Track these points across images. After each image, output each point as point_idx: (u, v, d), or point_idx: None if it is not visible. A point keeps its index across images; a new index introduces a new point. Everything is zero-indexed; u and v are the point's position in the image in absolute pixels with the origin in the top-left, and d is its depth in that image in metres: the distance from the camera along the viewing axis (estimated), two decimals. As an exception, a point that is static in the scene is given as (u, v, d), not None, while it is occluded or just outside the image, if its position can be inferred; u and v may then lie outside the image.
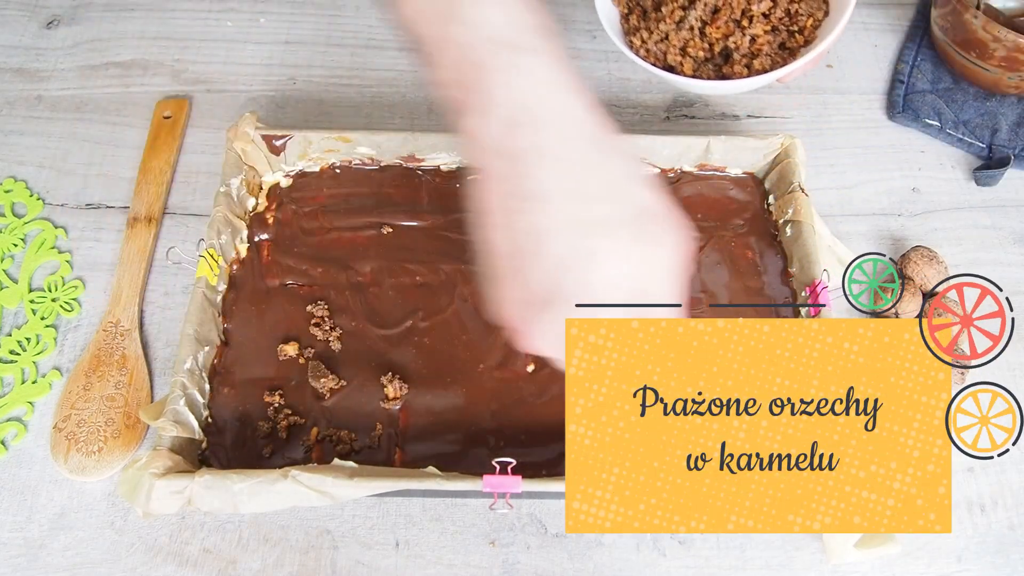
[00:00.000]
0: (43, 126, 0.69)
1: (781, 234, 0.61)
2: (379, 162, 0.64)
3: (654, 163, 0.64)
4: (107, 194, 0.65)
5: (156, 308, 0.60)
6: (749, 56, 0.62)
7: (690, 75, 0.63)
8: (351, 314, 0.57)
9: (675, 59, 0.63)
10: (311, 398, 0.54)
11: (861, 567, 0.50)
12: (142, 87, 0.72)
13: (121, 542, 0.50)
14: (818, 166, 0.68)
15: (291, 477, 0.46)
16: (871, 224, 0.65)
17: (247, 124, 0.61)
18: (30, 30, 0.76)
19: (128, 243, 0.61)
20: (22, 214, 0.64)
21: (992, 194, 0.67)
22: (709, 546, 0.51)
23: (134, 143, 0.68)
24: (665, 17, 0.63)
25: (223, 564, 0.50)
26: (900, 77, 0.73)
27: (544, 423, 0.53)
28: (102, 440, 0.53)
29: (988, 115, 0.70)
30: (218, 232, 0.57)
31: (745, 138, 0.62)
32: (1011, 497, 0.53)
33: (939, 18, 0.70)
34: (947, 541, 0.51)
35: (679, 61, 0.63)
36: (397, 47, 0.76)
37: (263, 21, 0.78)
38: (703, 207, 0.63)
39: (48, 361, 0.57)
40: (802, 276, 0.57)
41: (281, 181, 0.63)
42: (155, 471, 0.46)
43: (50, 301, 0.60)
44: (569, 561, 0.50)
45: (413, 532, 0.51)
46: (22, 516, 0.51)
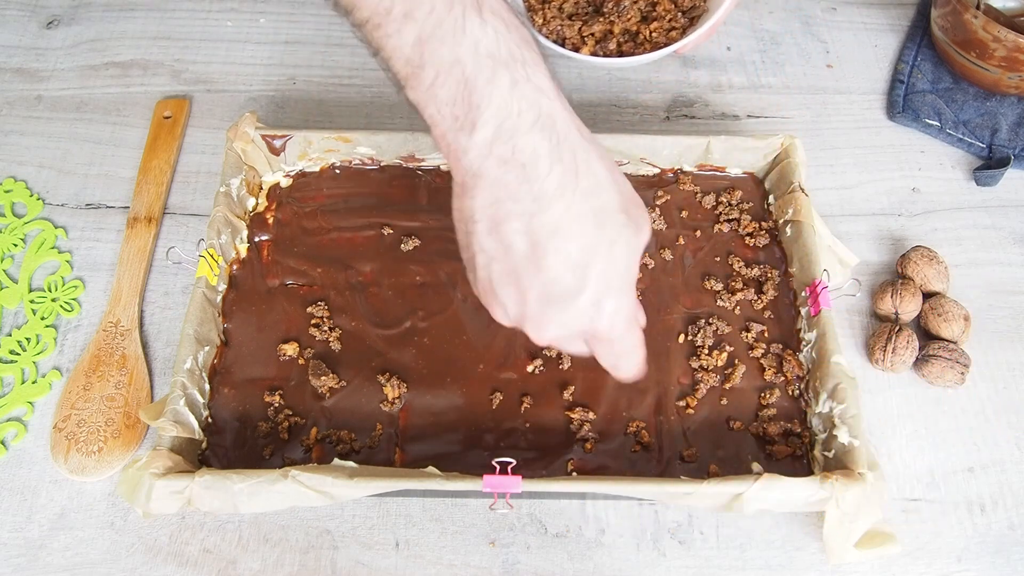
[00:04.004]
0: (43, 126, 0.69)
1: (781, 234, 0.61)
2: (379, 162, 0.64)
3: (654, 163, 0.64)
4: (107, 194, 0.65)
5: (156, 308, 0.60)
6: (648, 32, 0.65)
7: (589, 54, 0.65)
8: (351, 314, 0.57)
9: (574, 38, 0.64)
10: (311, 398, 0.54)
11: (861, 567, 0.50)
12: (142, 87, 0.72)
13: (121, 542, 0.50)
14: (818, 166, 0.68)
15: (291, 477, 0.46)
16: (871, 224, 0.65)
17: (247, 124, 0.61)
18: (30, 30, 0.76)
19: (128, 243, 0.61)
20: (22, 214, 0.64)
21: (992, 194, 0.67)
22: (709, 546, 0.51)
23: (134, 143, 0.68)
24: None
25: (223, 564, 0.50)
26: (900, 77, 0.73)
27: (544, 423, 0.53)
28: (102, 440, 0.53)
29: (988, 115, 0.70)
30: (218, 232, 0.57)
31: (745, 138, 0.62)
32: (1011, 497, 0.53)
33: (939, 18, 0.70)
34: (947, 541, 0.51)
35: (577, 40, 0.64)
36: (397, 47, 0.76)
37: (263, 21, 0.77)
38: (703, 207, 0.63)
39: (48, 361, 0.57)
40: (802, 276, 0.57)
41: (281, 181, 0.63)
42: (155, 471, 0.46)
43: (50, 301, 0.59)
44: (569, 561, 0.50)
45: (413, 532, 0.51)
46: (22, 516, 0.51)
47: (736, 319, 0.58)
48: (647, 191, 0.63)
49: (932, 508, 0.52)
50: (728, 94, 0.73)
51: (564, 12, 0.65)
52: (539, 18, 0.65)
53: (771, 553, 0.51)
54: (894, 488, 0.53)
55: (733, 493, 0.46)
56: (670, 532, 0.51)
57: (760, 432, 0.53)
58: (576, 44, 0.65)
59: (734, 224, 0.62)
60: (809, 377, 0.54)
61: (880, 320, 0.59)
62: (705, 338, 0.56)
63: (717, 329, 0.57)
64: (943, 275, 0.60)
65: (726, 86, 0.73)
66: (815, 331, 0.54)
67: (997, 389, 0.57)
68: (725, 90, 0.73)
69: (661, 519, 0.52)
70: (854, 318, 0.60)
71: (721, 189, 0.64)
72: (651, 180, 0.64)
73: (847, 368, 0.51)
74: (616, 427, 0.53)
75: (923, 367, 0.56)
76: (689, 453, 0.52)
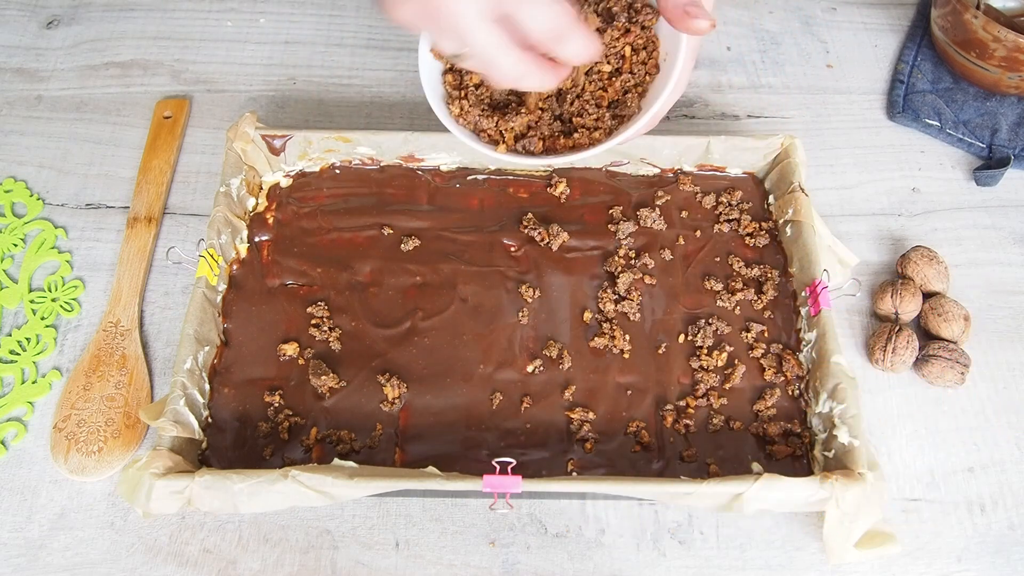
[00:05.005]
0: (43, 126, 0.69)
1: (781, 234, 0.61)
2: (379, 162, 0.64)
3: (654, 163, 0.64)
4: (107, 194, 0.65)
5: (156, 308, 0.60)
6: (585, 128, 0.52)
7: (506, 152, 0.52)
8: (351, 314, 0.57)
9: (493, 133, 0.52)
10: (311, 398, 0.54)
11: (861, 567, 0.50)
12: (142, 87, 0.72)
13: (121, 542, 0.50)
14: (818, 166, 0.68)
15: (291, 477, 0.46)
16: (871, 224, 0.65)
17: (247, 124, 0.61)
18: (30, 30, 0.76)
19: (128, 243, 0.61)
20: (22, 214, 0.64)
21: (992, 194, 0.67)
22: (709, 546, 0.51)
23: (134, 143, 0.68)
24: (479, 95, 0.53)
25: (223, 564, 0.50)
26: (900, 77, 0.73)
27: (544, 423, 0.53)
28: (102, 440, 0.53)
29: (988, 115, 0.70)
30: (218, 232, 0.57)
31: (745, 138, 0.62)
32: (1011, 497, 0.53)
33: (939, 18, 0.70)
34: (947, 541, 0.51)
35: (495, 136, 0.52)
36: (397, 47, 0.76)
37: (263, 21, 0.77)
38: (703, 207, 0.63)
39: (48, 361, 0.57)
40: (802, 276, 0.57)
41: (281, 181, 0.63)
42: (155, 471, 0.46)
43: (50, 301, 0.59)
44: (569, 561, 0.50)
45: (413, 532, 0.51)
46: (22, 516, 0.51)
47: (736, 319, 0.58)
48: (647, 191, 0.63)
49: (932, 508, 0.52)
50: (728, 94, 0.73)
51: (482, 102, 0.53)
52: (456, 108, 0.52)
53: (771, 553, 0.51)
54: (894, 488, 0.53)
55: (733, 493, 0.46)
56: (670, 532, 0.51)
57: (760, 432, 0.53)
58: (494, 138, 0.52)
59: (734, 224, 0.62)
60: (809, 377, 0.54)
61: (880, 320, 0.59)
62: (705, 338, 0.56)
63: (717, 329, 0.57)
64: (943, 275, 0.60)
65: (726, 86, 0.73)
66: (815, 331, 0.54)
67: (997, 389, 0.57)
68: (725, 90, 0.73)
69: (661, 519, 0.52)
70: (854, 318, 0.60)
71: (721, 189, 0.64)
72: (651, 180, 0.64)
73: (847, 368, 0.51)
74: (616, 427, 0.53)
75: (923, 367, 0.56)
76: (689, 453, 0.52)
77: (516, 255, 0.60)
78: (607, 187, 0.63)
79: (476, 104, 0.52)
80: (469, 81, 0.52)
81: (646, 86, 0.52)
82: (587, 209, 0.62)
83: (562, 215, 0.62)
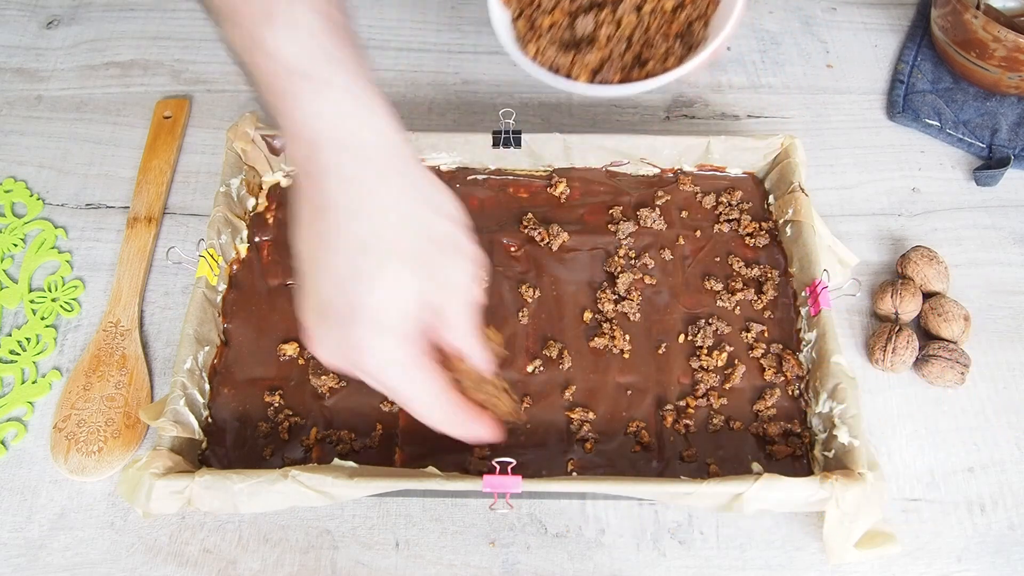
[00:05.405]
0: (43, 126, 0.69)
1: (781, 234, 0.61)
2: (379, 162, 0.64)
3: (654, 163, 0.64)
4: (107, 194, 0.65)
5: (156, 308, 0.60)
6: (654, 58, 0.57)
7: (587, 82, 0.56)
8: (351, 314, 0.57)
9: (567, 66, 0.56)
10: (311, 398, 0.54)
11: (861, 567, 0.50)
12: (142, 87, 0.72)
13: (121, 542, 0.50)
14: (818, 166, 0.68)
15: (291, 477, 0.46)
16: (871, 224, 0.65)
17: (247, 124, 0.61)
18: (30, 30, 0.76)
19: (128, 243, 0.61)
20: (22, 214, 0.64)
21: (992, 194, 0.67)
22: (709, 546, 0.51)
23: (134, 143, 0.68)
24: (553, 24, 0.57)
25: (223, 564, 0.50)
26: (900, 77, 0.73)
27: (544, 423, 0.53)
28: (102, 440, 0.53)
29: (988, 115, 0.70)
30: (218, 232, 0.57)
31: (745, 138, 0.62)
32: (1011, 497, 0.53)
33: (939, 18, 0.71)
34: (947, 541, 0.51)
35: (571, 67, 0.57)
36: (397, 47, 0.76)
37: (263, 21, 0.77)
38: (703, 207, 0.63)
39: (48, 361, 0.57)
40: (802, 276, 0.57)
41: (281, 181, 0.63)
42: (155, 471, 0.46)
43: (50, 301, 0.59)
44: (569, 561, 0.50)
45: (413, 532, 0.51)
46: (22, 516, 0.51)
47: (736, 319, 0.58)
48: (647, 191, 0.63)
49: (932, 508, 0.52)
50: (728, 94, 0.73)
51: (557, 42, 0.57)
52: (532, 48, 0.57)
53: (771, 553, 0.51)
54: (894, 488, 0.53)
55: (733, 493, 0.46)
56: (670, 532, 0.51)
57: (760, 432, 0.53)
58: (572, 73, 0.57)
59: (734, 224, 0.62)
60: (809, 377, 0.54)
61: (880, 320, 0.59)
62: (705, 338, 0.56)
63: (717, 329, 0.57)
64: (943, 275, 0.60)
65: (726, 86, 0.73)
66: (815, 331, 0.54)
67: (997, 389, 0.57)
68: (725, 90, 0.73)
69: (661, 519, 0.52)
70: (854, 318, 0.60)
71: (721, 189, 0.64)
72: (651, 180, 0.64)
73: (847, 368, 0.51)
74: (616, 427, 0.53)
75: (923, 367, 0.56)
76: (689, 453, 0.52)
77: (516, 255, 0.60)
78: (607, 187, 0.63)
79: (551, 43, 0.57)
80: (541, 24, 0.57)
81: (709, 16, 0.57)
82: (587, 209, 0.62)
83: (562, 215, 0.62)
